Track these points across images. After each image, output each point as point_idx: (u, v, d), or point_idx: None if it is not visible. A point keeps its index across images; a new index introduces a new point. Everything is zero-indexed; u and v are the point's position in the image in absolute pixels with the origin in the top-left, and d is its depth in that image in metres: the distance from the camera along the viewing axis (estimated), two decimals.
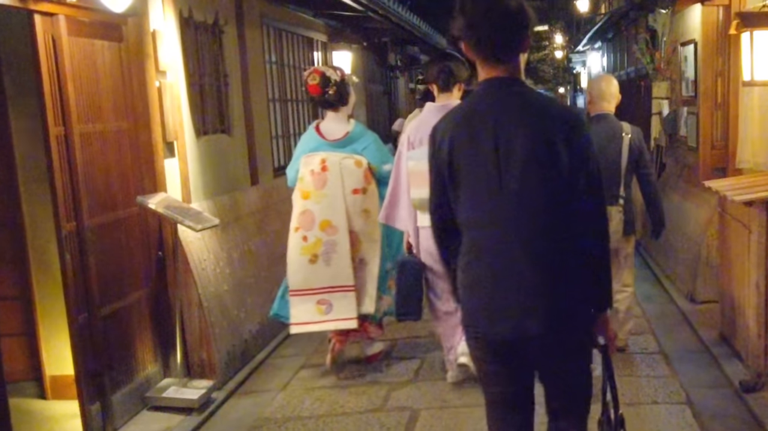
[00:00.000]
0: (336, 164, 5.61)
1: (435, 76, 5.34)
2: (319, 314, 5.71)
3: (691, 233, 7.46)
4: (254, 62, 7.38)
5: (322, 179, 5.62)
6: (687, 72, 7.81)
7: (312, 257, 5.65)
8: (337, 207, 5.61)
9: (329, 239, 5.61)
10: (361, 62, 11.71)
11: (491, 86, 2.83)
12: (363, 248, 5.72)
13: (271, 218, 7.38)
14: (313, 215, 5.66)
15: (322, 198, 5.62)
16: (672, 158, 8.79)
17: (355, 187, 5.65)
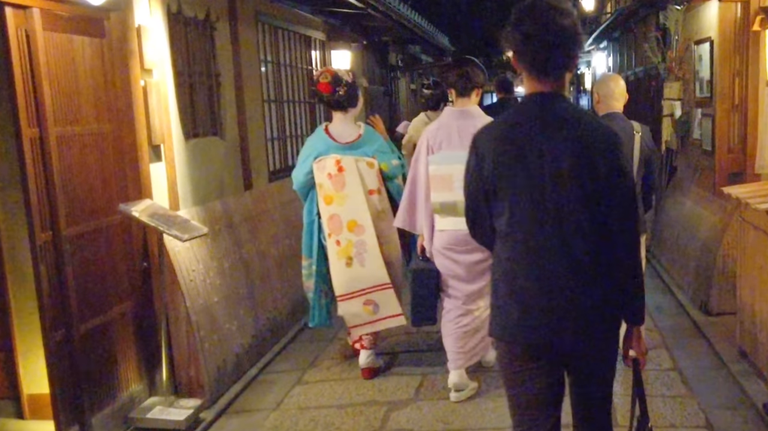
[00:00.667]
0: (352, 164, 5.61)
1: (454, 81, 5.40)
2: (369, 315, 5.78)
3: (706, 241, 7.16)
4: (248, 61, 7.08)
5: (341, 181, 5.61)
6: (701, 72, 7.50)
7: (347, 260, 5.68)
8: (360, 206, 5.62)
9: (358, 240, 5.63)
10: (360, 62, 11.42)
11: (537, 101, 2.94)
12: (385, 249, 5.72)
13: (266, 225, 7.09)
14: (339, 217, 5.66)
15: (344, 200, 5.62)
16: (684, 162, 8.49)
17: (371, 188, 5.68)
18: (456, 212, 5.13)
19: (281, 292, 7.09)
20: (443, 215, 5.28)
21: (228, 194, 6.49)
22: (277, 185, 7.66)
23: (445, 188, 5.25)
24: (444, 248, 5.34)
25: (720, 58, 6.97)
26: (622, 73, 13.88)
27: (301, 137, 8.83)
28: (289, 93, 8.48)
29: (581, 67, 24.20)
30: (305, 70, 9.10)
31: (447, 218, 5.28)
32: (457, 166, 4.98)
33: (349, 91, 5.70)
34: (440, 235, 5.33)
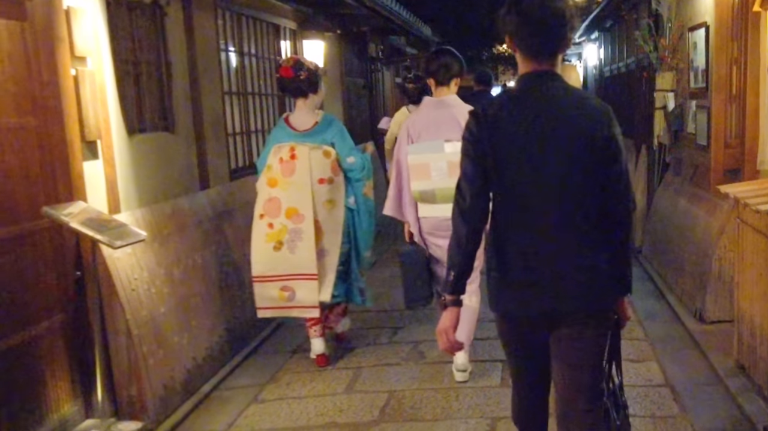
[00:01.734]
0: (305, 153, 5.77)
1: (434, 71, 5.60)
2: (282, 301, 5.90)
3: (700, 243, 6.74)
4: (205, 50, 6.63)
5: (291, 168, 5.77)
6: (696, 60, 7.07)
7: (277, 244, 5.82)
8: (304, 195, 5.76)
9: (295, 227, 5.78)
10: (336, 53, 10.97)
11: (533, 79, 3.11)
12: (325, 238, 5.87)
13: (225, 227, 6.65)
14: (279, 202, 5.80)
15: (289, 186, 5.77)
16: (677, 158, 8.06)
17: (322, 176, 5.81)
18: (434, 200, 5.45)
19: (242, 299, 6.65)
20: (423, 203, 5.55)
21: (180, 194, 6.05)
22: (240, 184, 7.21)
23: (423, 176, 5.47)
24: (427, 233, 5.63)
25: (716, 44, 6.52)
26: (613, 65, 13.48)
27: (269, 132, 8.38)
28: (254, 85, 8.04)
29: (572, 60, 23.74)
30: (273, 61, 8.64)
31: (427, 205, 5.54)
32: (433, 155, 5.42)
33: (309, 76, 5.85)
34: (423, 221, 5.61)
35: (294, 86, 5.89)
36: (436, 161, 5.44)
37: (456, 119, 5.38)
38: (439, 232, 5.50)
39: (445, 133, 5.44)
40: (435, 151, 5.46)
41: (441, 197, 5.38)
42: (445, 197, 5.23)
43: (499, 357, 5.80)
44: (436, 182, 5.45)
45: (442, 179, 5.40)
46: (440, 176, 5.42)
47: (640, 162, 9.90)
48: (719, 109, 6.52)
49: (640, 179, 9.77)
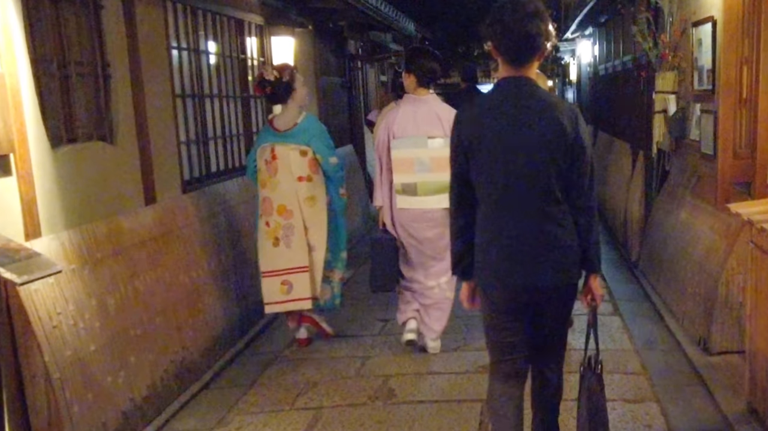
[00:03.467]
0: (284, 153, 6.28)
1: (417, 71, 6.07)
2: (282, 295, 6.39)
3: (705, 264, 6.18)
4: (152, 48, 6.03)
5: (274, 168, 6.31)
6: (701, 59, 6.48)
7: (274, 240, 6.35)
8: (289, 193, 6.29)
9: (287, 223, 6.30)
10: (310, 50, 10.37)
11: (510, 83, 3.63)
12: (310, 234, 6.38)
13: (175, 247, 6.05)
14: (271, 201, 6.34)
15: (275, 185, 6.31)
16: (679, 167, 7.50)
17: (300, 175, 6.31)
18: (416, 193, 6.01)
19: (193, 327, 6.08)
20: (404, 195, 6.05)
21: (118, 212, 5.44)
22: (195, 197, 6.62)
23: (407, 170, 6.00)
24: (405, 224, 6.12)
25: (724, 41, 5.91)
26: (608, 63, 12.89)
27: (232, 138, 7.79)
28: (214, 87, 7.43)
29: (565, 57, 23.17)
30: (237, 60, 8.05)
31: (407, 197, 6.04)
32: (416, 150, 5.97)
33: (275, 89, 6.29)
34: (401, 213, 6.10)
35: (270, 99, 6.58)
36: (419, 155, 5.98)
37: (437, 116, 6.00)
38: (415, 223, 6.08)
39: (425, 129, 5.99)
40: (418, 146, 5.99)
41: (422, 190, 6.00)
42: (426, 190, 5.98)
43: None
44: (418, 176, 6.00)
45: (425, 173, 5.98)
46: (423, 170, 5.99)
47: (637, 169, 9.32)
48: (727, 114, 5.94)
49: (637, 187, 9.20)
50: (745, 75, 5.80)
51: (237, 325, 6.93)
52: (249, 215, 7.55)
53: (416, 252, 6.19)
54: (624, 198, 10.00)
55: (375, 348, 6.58)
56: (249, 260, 7.36)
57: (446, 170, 5.87)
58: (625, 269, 8.92)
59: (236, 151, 7.89)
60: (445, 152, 5.81)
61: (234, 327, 6.86)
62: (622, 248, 9.84)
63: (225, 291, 6.78)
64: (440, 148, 5.86)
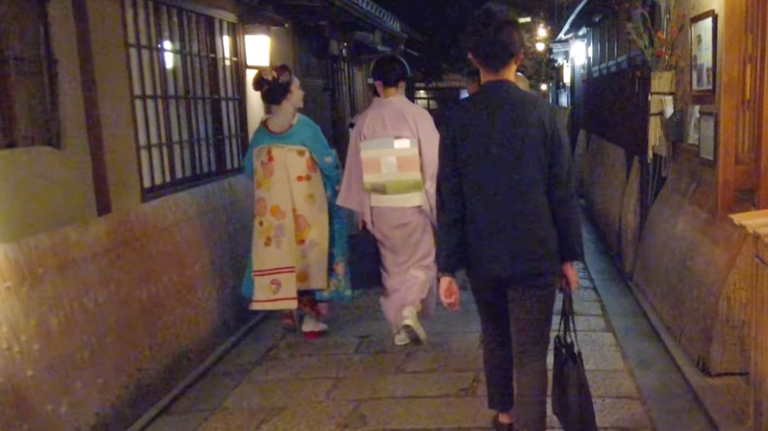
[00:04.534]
0: (281, 154, 6.53)
1: (381, 74, 6.43)
2: (271, 294, 6.60)
3: (703, 277, 5.79)
4: (107, 46, 5.63)
5: (270, 169, 6.55)
6: (700, 57, 6.09)
7: (266, 239, 6.58)
8: (283, 193, 6.53)
9: (278, 224, 6.53)
10: (289, 50, 9.96)
11: (491, 87, 4.09)
12: (311, 231, 6.65)
13: (131, 259, 5.64)
14: (265, 201, 6.58)
15: (271, 186, 6.55)
16: (676, 172, 7.11)
17: (299, 174, 6.58)
18: (385, 191, 6.29)
19: (152, 346, 5.70)
20: (375, 193, 6.33)
21: (68, 223, 5.03)
22: (157, 205, 6.21)
23: (374, 170, 6.27)
24: (378, 221, 6.41)
25: (726, 38, 5.49)
26: (602, 64, 12.50)
27: (201, 142, 7.38)
28: (179, 88, 7.02)
29: (559, 59, 22.79)
30: (207, 60, 7.64)
31: (378, 196, 6.33)
32: (382, 150, 6.24)
33: (270, 88, 6.63)
34: (373, 211, 6.39)
35: (265, 96, 6.82)
36: (385, 155, 6.24)
37: (403, 117, 6.27)
38: (387, 221, 6.37)
39: (392, 130, 6.26)
40: (385, 147, 6.25)
41: (390, 189, 6.28)
42: (394, 188, 6.27)
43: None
44: (385, 176, 6.26)
45: (392, 172, 6.24)
46: (390, 170, 6.24)
47: (632, 175, 8.92)
48: (729, 116, 5.54)
49: (631, 194, 8.80)
50: (748, 74, 5.38)
51: (203, 342, 6.53)
52: (217, 224, 7.16)
53: (389, 249, 6.50)
54: (618, 206, 9.60)
55: (349, 367, 6.19)
56: (218, 272, 6.98)
57: (413, 169, 6.24)
58: (618, 282, 8.54)
59: (205, 156, 7.47)
60: (411, 152, 6.23)
61: (200, 343, 6.46)
62: (616, 259, 9.44)
63: (190, 306, 6.38)
64: (407, 148, 6.24)
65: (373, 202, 6.37)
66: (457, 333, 6.76)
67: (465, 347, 6.51)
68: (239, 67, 8.31)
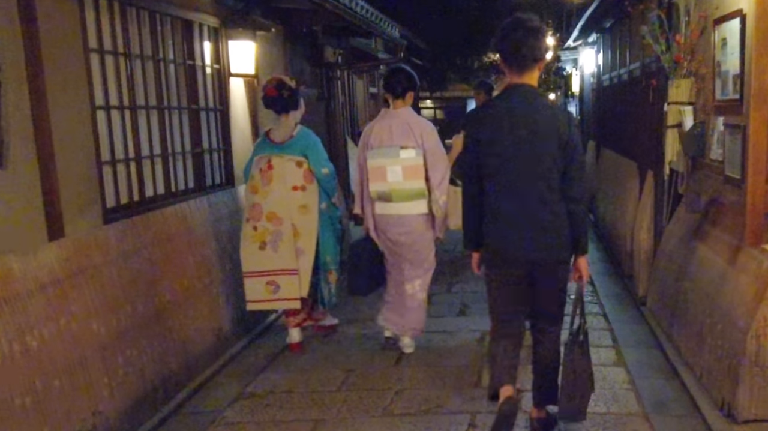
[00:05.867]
0: (280, 164, 6.72)
1: (389, 87, 6.67)
2: (268, 294, 6.78)
3: (729, 311, 5.22)
4: (61, 50, 5.08)
5: (268, 177, 6.72)
6: (726, 63, 5.52)
7: (261, 243, 6.72)
8: (281, 201, 6.70)
9: (275, 229, 6.70)
10: (279, 57, 9.41)
11: (514, 89, 4.60)
12: (301, 239, 6.76)
13: (87, 289, 5.09)
14: (261, 207, 6.72)
15: (268, 194, 6.71)
16: (695, 190, 6.52)
17: (295, 184, 6.73)
18: (390, 199, 6.52)
19: (110, 386, 5.15)
20: (380, 201, 6.58)
21: (10, 250, 4.47)
22: (121, 227, 5.65)
23: (380, 178, 6.51)
24: (382, 230, 6.66)
25: (757, 41, 4.92)
26: (613, 72, 11.91)
27: (176, 157, 6.81)
28: (152, 97, 6.46)
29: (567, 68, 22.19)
30: (184, 67, 7.08)
31: (383, 203, 6.58)
32: (389, 160, 6.47)
33: (291, 95, 6.82)
34: (379, 218, 6.64)
35: (278, 105, 6.82)
36: (391, 165, 6.48)
37: (409, 128, 6.50)
38: (393, 228, 6.59)
39: (398, 140, 6.49)
40: (391, 156, 6.49)
41: (396, 197, 6.52)
42: (400, 196, 6.50)
43: None
44: (391, 184, 6.49)
45: (397, 181, 6.47)
46: (395, 179, 6.47)
47: (645, 191, 8.32)
48: (759, 129, 4.96)
49: (645, 212, 8.19)
50: None
51: (173, 377, 5.96)
52: (194, 246, 6.61)
53: (393, 255, 6.69)
54: (630, 224, 8.99)
55: (332, 408, 5.64)
56: (192, 300, 6.41)
57: (419, 178, 6.46)
58: (630, 307, 7.95)
59: (181, 171, 6.90)
60: (417, 162, 6.45)
61: (168, 380, 5.89)
62: (627, 281, 8.84)
63: (157, 338, 5.82)
64: (412, 158, 6.46)
65: (378, 210, 6.64)
66: (450, 376, 6.20)
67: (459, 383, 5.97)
68: (222, 75, 7.74)
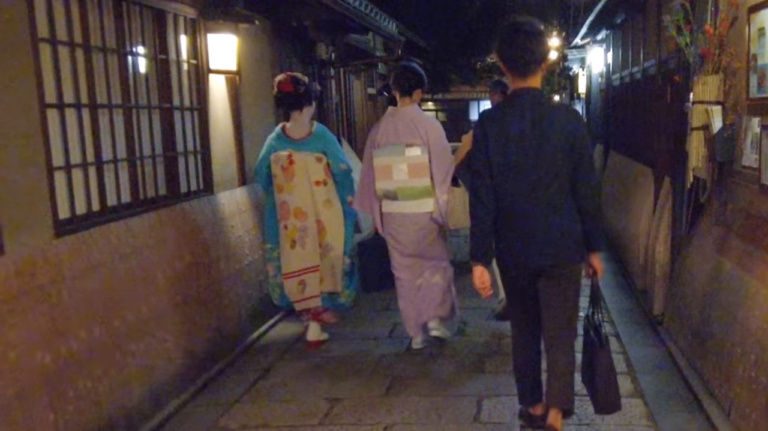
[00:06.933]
0: (301, 158, 6.78)
1: (396, 84, 6.70)
2: (298, 293, 6.91)
3: (763, 339, 4.59)
4: (2, 39, 4.46)
5: (291, 173, 6.78)
6: (763, 56, 4.90)
7: (291, 242, 6.84)
8: (305, 196, 6.79)
9: (302, 225, 6.80)
10: (266, 53, 8.79)
11: (521, 93, 4.57)
12: (329, 235, 6.91)
13: (30, 313, 4.46)
14: (288, 205, 6.82)
15: (292, 189, 6.79)
16: (721, 200, 5.90)
17: (317, 179, 6.85)
18: (396, 197, 6.55)
19: (56, 425, 4.52)
20: (387, 200, 6.62)
21: None
22: (77, 241, 5.04)
23: (386, 177, 6.53)
24: (390, 227, 6.67)
25: None
26: (624, 71, 11.28)
27: (144, 160, 6.18)
28: (116, 95, 5.82)
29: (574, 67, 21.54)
30: (156, 61, 6.45)
31: (390, 202, 6.61)
32: (395, 158, 6.51)
33: (306, 90, 6.89)
34: (386, 216, 6.68)
35: (292, 101, 6.88)
36: (397, 163, 6.51)
37: (415, 126, 6.53)
38: (399, 227, 6.62)
39: (404, 137, 6.53)
40: (396, 154, 6.52)
41: (402, 195, 6.54)
42: (406, 195, 6.53)
43: None
44: (397, 182, 6.53)
45: (403, 179, 6.50)
46: (401, 177, 6.50)
47: (662, 199, 7.66)
48: None
49: (662, 222, 7.52)
50: None
51: (136, 409, 5.34)
52: (165, 259, 6.01)
53: (401, 253, 6.68)
54: (644, 234, 8.34)
55: None
56: (160, 321, 5.80)
57: (424, 176, 6.46)
58: (645, 327, 7.32)
59: (150, 177, 6.25)
60: (422, 160, 6.46)
61: (131, 412, 5.27)
62: (641, 297, 8.19)
63: (116, 365, 5.20)
64: (417, 155, 6.49)
65: (384, 208, 6.69)
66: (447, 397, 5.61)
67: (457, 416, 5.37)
68: (200, 71, 7.11)
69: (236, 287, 7.29)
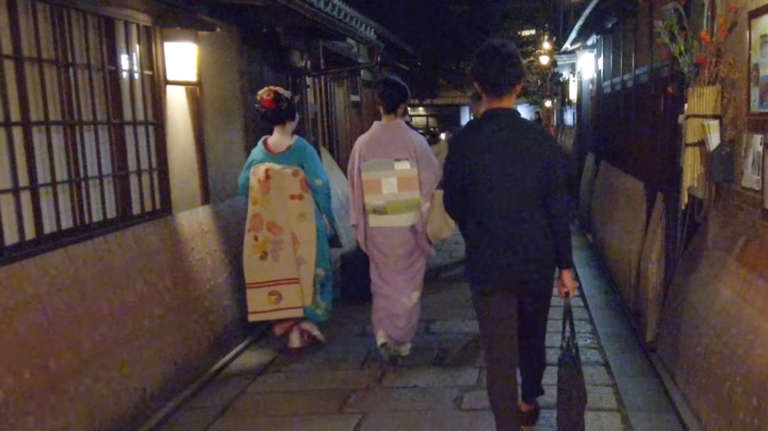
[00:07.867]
0: (278, 173, 6.96)
1: (381, 100, 6.84)
2: (270, 304, 7.02)
3: (765, 379, 4.13)
4: None
5: (266, 186, 6.96)
6: (765, 67, 4.47)
7: (262, 254, 6.98)
8: (280, 210, 6.97)
9: (275, 239, 6.97)
10: (234, 61, 8.30)
11: (495, 113, 4.72)
12: (301, 249, 7.02)
13: None
14: (261, 217, 6.98)
15: (267, 203, 6.97)
16: (718, 222, 5.44)
17: (293, 193, 6.99)
18: (385, 212, 6.67)
19: None
20: (375, 214, 6.71)
21: None
22: (3, 275, 4.56)
23: (375, 191, 6.66)
24: (376, 240, 6.76)
25: None
26: (615, 78, 10.83)
27: (90, 182, 5.70)
28: (55, 111, 5.34)
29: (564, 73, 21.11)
30: (105, 73, 5.96)
31: (378, 216, 6.70)
32: (383, 172, 6.66)
33: (288, 106, 7.00)
34: (373, 231, 6.75)
35: (275, 116, 7.00)
36: (386, 177, 6.59)
37: (402, 140, 6.63)
38: (387, 241, 6.67)
39: (392, 152, 6.61)
40: (385, 168, 6.60)
41: (391, 209, 6.62)
42: (395, 209, 6.61)
43: None
44: (386, 197, 6.60)
45: (393, 192, 6.58)
46: (390, 191, 6.58)
47: (655, 216, 7.18)
48: None
49: (654, 241, 7.05)
50: None
51: None
52: (112, 288, 5.55)
53: (387, 267, 6.75)
54: (636, 252, 7.86)
55: None
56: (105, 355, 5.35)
57: (413, 189, 6.57)
58: (637, 354, 6.87)
59: (97, 199, 5.77)
60: (411, 173, 6.59)
61: None
62: (633, 320, 7.72)
63: (50, 411, 4.72)
64: (407, 169, 6.59)
65: (372, 222, 6.72)
66: None
67: None
68: (156, 83, 6.62)
69: (195, 315, 6.78)
